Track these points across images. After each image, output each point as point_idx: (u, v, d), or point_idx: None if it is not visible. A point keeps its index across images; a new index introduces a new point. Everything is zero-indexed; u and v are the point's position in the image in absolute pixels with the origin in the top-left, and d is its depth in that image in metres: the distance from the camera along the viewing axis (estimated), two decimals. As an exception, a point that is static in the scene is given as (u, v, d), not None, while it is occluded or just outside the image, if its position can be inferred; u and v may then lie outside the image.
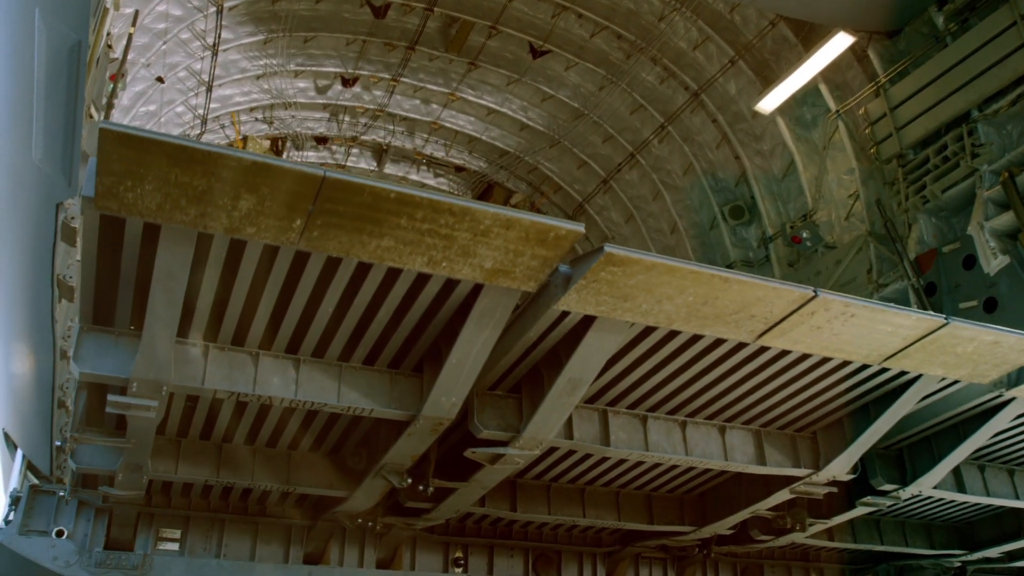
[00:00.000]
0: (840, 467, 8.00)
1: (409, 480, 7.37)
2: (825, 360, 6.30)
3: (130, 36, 11.02)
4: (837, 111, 12.09)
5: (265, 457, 7.72)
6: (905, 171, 11.14)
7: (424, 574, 9.22)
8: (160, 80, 13.52)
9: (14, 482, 9.72)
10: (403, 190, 4.32)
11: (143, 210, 4.29)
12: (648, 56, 14.36)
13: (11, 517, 7.70)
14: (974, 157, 10.21)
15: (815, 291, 5.23)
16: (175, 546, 8.11)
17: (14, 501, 7.72)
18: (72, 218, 6.85)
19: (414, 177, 18.58)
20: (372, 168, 18.25)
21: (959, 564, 11.49)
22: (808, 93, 12.55)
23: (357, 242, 4.56)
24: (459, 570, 9.59)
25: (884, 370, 6.48)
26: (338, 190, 4.23)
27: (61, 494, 8.10)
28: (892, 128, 11.14)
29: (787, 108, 12.85)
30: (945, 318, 5.65)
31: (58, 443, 7.38)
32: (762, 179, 13.84)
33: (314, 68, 15.58)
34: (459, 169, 18.47)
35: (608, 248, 4.77)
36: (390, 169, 18.28)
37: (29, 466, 9.96)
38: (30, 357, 8.58)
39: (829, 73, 12.16)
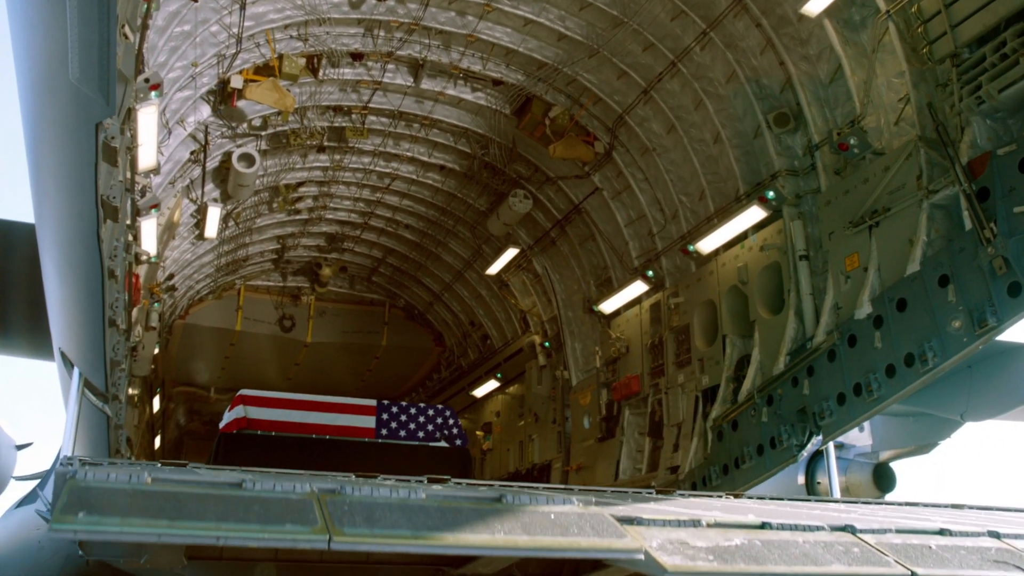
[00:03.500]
0: None
1: None
2: None
3: (160, -48, 10.88)
4: (887, 11, 11.59)
5: None
6: (959, 71, 10.70)
7: None
8: (193, -1, 13.39)
9: (73, 401, 10.04)
10: None
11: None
12: (689, -42, 13.85)
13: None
14: (1034, 54, 9.76)
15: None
16: None
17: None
18: (112, 138, 6.89)
19: (451, 92, 18.34)
20: (409, 84, 18.03)
21: None
22: (857, -8, 12.06)
23: None
24: None
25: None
26: None
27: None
28: (947, 26, 10.66)
29: (834, 10, 12.35)
30: None
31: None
32: (808, 85, 13.43)
33: (347, -19, 15.30)
34: (496, 83, 18.17)
35: None
36: (427, 84, 18.04)
37: (86, 383, 10.30)
38: (79, 277, 8.76)
39: (880, -30, 11.63)
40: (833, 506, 8.31)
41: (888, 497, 20.95)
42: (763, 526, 4.66)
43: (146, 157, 12.18)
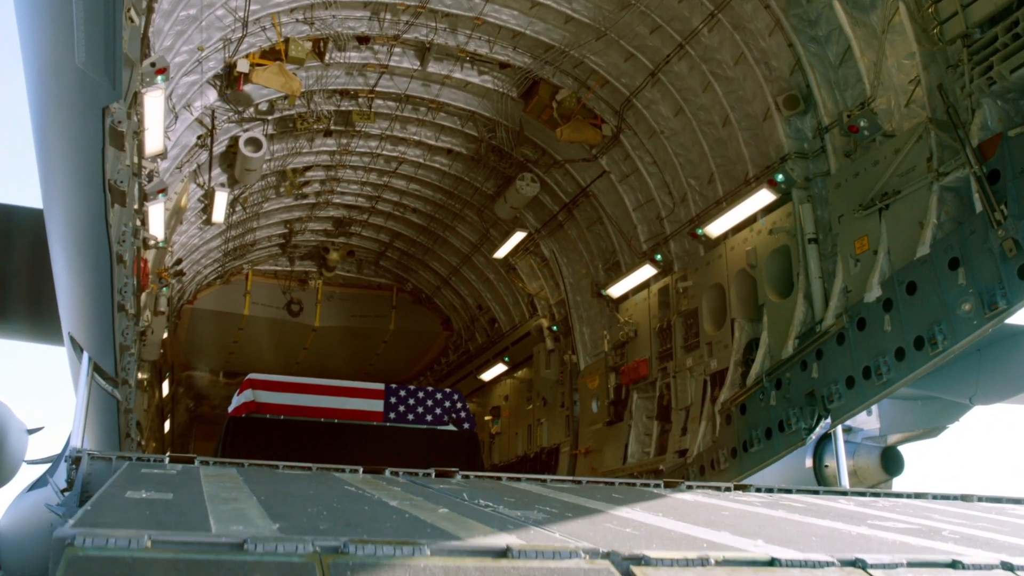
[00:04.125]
0: None
1: None
2: None
3: (165, -65, 10.83)
4: (899, -10, 11.48)
5: None
6: (970, 52, 10.60)
7: None
8: (199, -18, 13.34)
9: (83, 386, 10.08)
10: None
11: None
12: (698, -61, 13.72)
13: (74, 476, 7.69)
14: (1046, 34, 9.66)
15: None
16: None
17: (75, 462, 7.75)
18: (119, 122, 6.87)
19: (458, 75, 18.27)
20: (415, 67, 17.97)
21: None
22: (868, -28, 11.94)
23: None
24: None
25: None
26: None
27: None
28: (958, 5, 10.55)
29: (845, -11, 12.26)
30: None
31: None
32: (818, 67, 13.33)
33: (353, -36, 15.22)
34: (503, 66, 18.09)
35: None
36: (433, 67, 17.97)
37: (96, 368, 10.34)
38: (88, 262, 8.77)
39: (891, -51, 11.51)
40: (843, 506, 8.14)
41: (896, 481, 20.98)
42: (772, 563, 4.65)
43: (153, 142, 12.17)
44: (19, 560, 22.69)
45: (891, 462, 20.96)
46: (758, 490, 9.22)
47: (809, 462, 20.87)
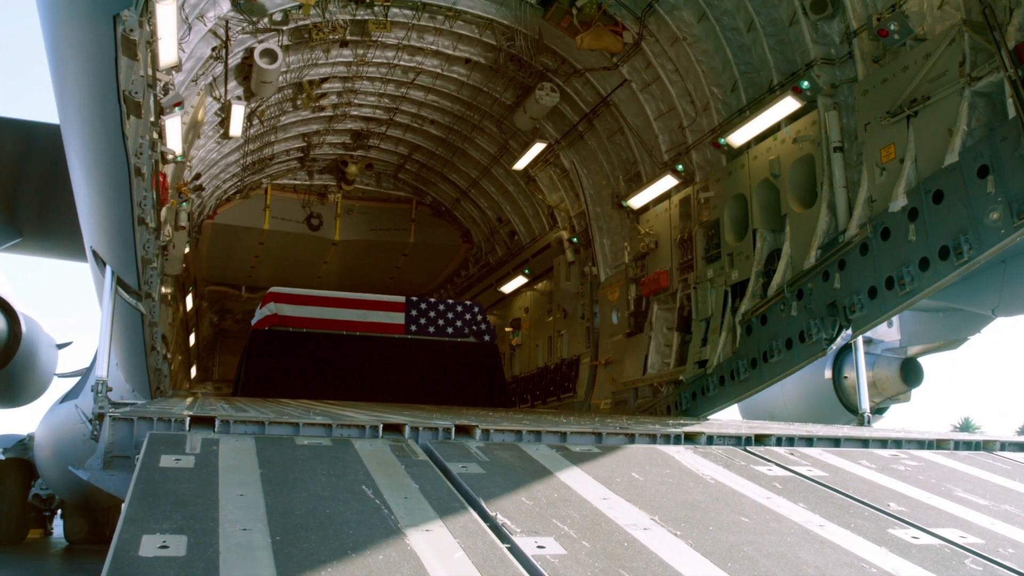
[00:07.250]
0: None
1: None
2: None
3: None
4: None
5: None
6: (1009, -52, 10.17)
7: None
8: None
9: (107, 299, 10.19)
10: None
11: None
12: None
13: (97, 433, 7.71)
14: (1090, -71, 9.23)
15: None
16: None
17: (98, 417, 7.75)
18: (131, 31, 6.75)
19: (475, -18, 17.80)
20: (431, -27, 17.51)
21: None
22: None
23: None
24: None
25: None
26: None
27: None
28: (998, -100, 10.09)
29: None
30: None
31: None
32: (848, -33, 12.85)
33: None
34: (522, -29, 17.60)
35: None
36: (450, -27, 17.52)
37: (119, 282, 10.43)
38: (106, 175, 8.75)
39: None
40: (862, 472, 7.91)
41: (915, 393, 21.07)
42: None
43: (167, 53, 11.99)
44: (53, 468, 23.44)
45: (910, 374, 21.02)
46: (779, 441, 8.90)
47: (828, 373, 20.97)
